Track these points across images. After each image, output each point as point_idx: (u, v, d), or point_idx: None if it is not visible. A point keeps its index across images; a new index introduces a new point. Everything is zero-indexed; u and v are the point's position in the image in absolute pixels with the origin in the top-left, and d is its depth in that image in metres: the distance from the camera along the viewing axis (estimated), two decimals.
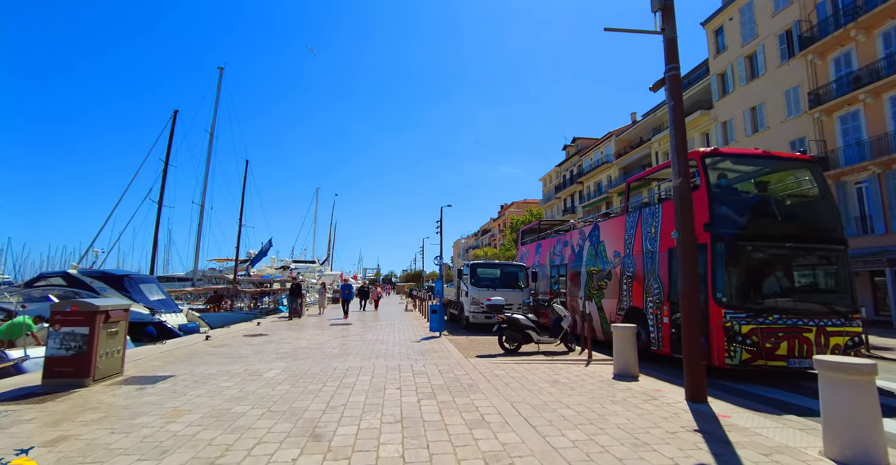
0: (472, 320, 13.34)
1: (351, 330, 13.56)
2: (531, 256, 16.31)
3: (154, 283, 19.21)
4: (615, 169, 42.15)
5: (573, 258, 12.70)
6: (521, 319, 8.92)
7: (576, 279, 12.29)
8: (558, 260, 13.67)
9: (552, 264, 14.15)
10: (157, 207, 28.13)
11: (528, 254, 16.69)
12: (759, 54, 25.83)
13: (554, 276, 13.93)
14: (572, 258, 12.76)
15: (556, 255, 13.93)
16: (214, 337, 12.07)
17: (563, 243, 13.64)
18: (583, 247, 12.20)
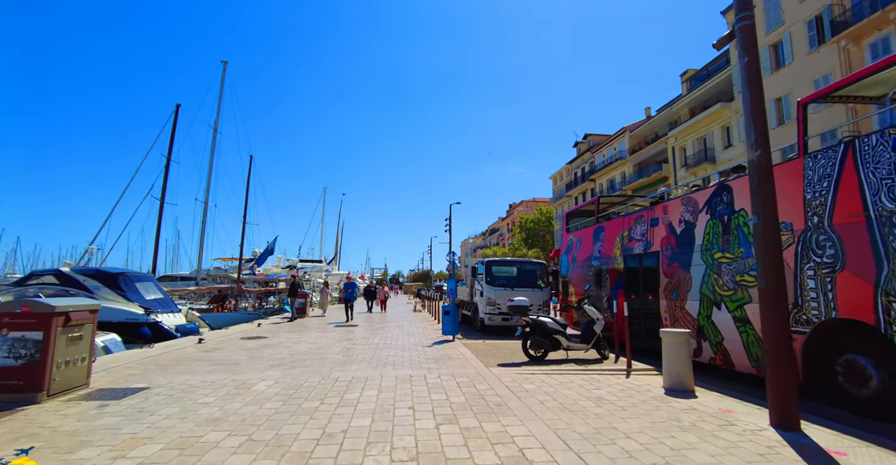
0: (488, 322, 12.30)
1: (356, 333, 12.57)
2: (585, 245, 12.12)
3: (152, 281, 18.36)
4: (629, 165, 40.88)
5: (672, 243, 8.63)
6: (548, 322, 7.86)
7: (676, 276, 8.41)
8: (639, 247, 9.52)
9: (626, 253, 9.99)
10: (160, 205, 27.34)
11: (580, 243, 12.46)
12: (786, 42, 24.53)
13: (631, 269, 9.81)
14: (669, 244, 8.70)
15: (634, 240, 9.75)
16: (209, 340, 11.13)
17: (647, 222, 9.42)
18: (693, 224, 8.16)
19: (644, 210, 9.92)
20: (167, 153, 27.06)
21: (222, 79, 32.24)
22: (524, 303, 8.06)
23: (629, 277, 9.93)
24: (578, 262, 12.36)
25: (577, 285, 12.30)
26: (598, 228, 11.61)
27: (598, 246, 11.37)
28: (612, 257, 10.68)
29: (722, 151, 29.64)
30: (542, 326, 7.82)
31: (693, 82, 35.61)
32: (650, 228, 9.44)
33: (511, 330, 13.01)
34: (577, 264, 12.47)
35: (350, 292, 17.43)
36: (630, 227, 10.13)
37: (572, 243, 12.98)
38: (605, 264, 10.95)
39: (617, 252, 10.47)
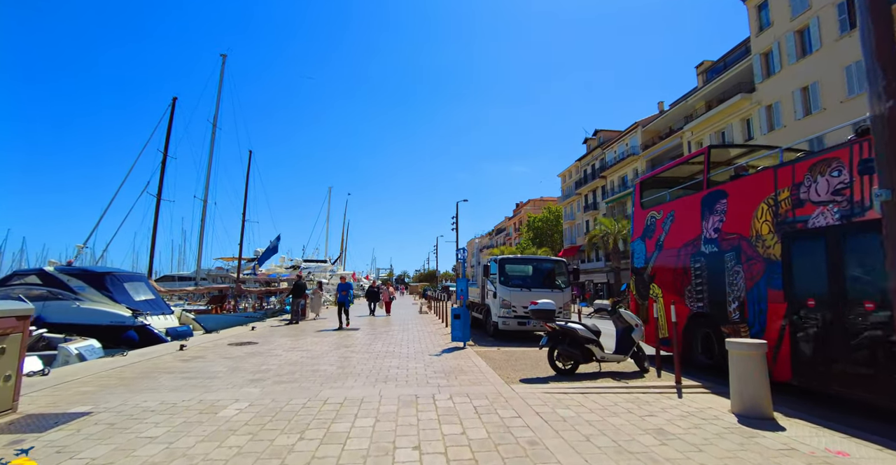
0: (502, 326, 11.07)
1: (356, 339, 11.43)
2: (684, 222, 8.20)
3: (143, 281, 17.34)
4: (642, 161, 39.51)
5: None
6: (578, 329, 6.66)
7: None
8: (827, 215, 5.65)
9: (789, 227, 6.11)
10: (156, 202, 26.42)
11: (671, 221, 8.63)
12: (813, 27, 23.13)
13: (805, 253, 5.92)
14: None
15: (814, 203, 5.82)
16: (193, 346, 10.04)
17: (847, 168, 5.42)
18: None
19: (838, 148, 5.65)
20: (164, 148, 26.18)
21: (221, 72, 31.24)
22: (550, 306, 6.86)
23: (798, 267, 5.96)
24: (670, 249, 8.54)
25: (666, 283, 8.57)
26: (715, 193, 7.44)
27: (716, 221, 7.34)
28: (751, 236, 6.70)
29: None
30: (572, 334, 6.63)
31: (709, 74, 34.22)
32: (857, 177, 5.24)
33: (528, 336, 11.81)
34: (666, 252, 8.66)
35: (344, 294, 14.85)
36: (797, 183, 6.03)
37: (654, 222, 9.16)
38: (732, 248, 7.02)
39: (764, 228, 6.48)
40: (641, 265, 9.46)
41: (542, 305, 6.85)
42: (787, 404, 5.17)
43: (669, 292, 8.46)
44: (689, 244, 8.00)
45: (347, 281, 16.22)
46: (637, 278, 9.55)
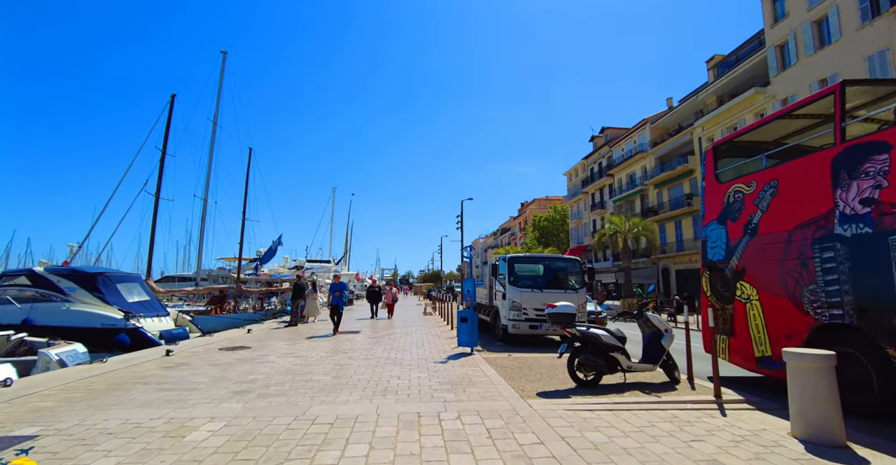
0: (512, 330, 10.30)
1: (355, 343, 10.73)
2: (794, 196, 6.05)
3: (137, 282, 16.73)
4: (651, 159, 38.65)
5: None
6: (602, 335, 5.92)
7: None
8: None
9: None
10: (154, 200, 25.88)
11: (771, 195, 6.38)
12: (832, 17, 22.24)
13: None
14: None
15: None
16: (181, 351, 9.38)
17: None
18: None
19: None
20: (162, 146, 25.62)
21: (222, 70, 30.71)
22: (569, 309, 6.10)
23: None
24: (771, 233, 6.30)
25: (766, 281, 6.30)
26: (862, 148, 5.22)
27: (865, 188, 5.11)
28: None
29: None
30: (595, 340, 5.88)
31: (720, 69, 33.37)
32: None
33: (540, 340, 11.08)
34: (764, 239, 6.43)
35: (338, 296, 13.26)
36: None
37: (740, 198, 6.93)
38: None
39: None
40: (721, 257, 7.17)
41: (561, 308, 6.11)
42: (851, 425, 4.41)
43: (773, 294, 6.15)
44: (810, 225, 5.71)
45: (342, 281, 14.31)
46: (713, 274, 7.32)
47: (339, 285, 13.74)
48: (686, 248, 33.70)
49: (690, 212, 33.49)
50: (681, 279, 35.23)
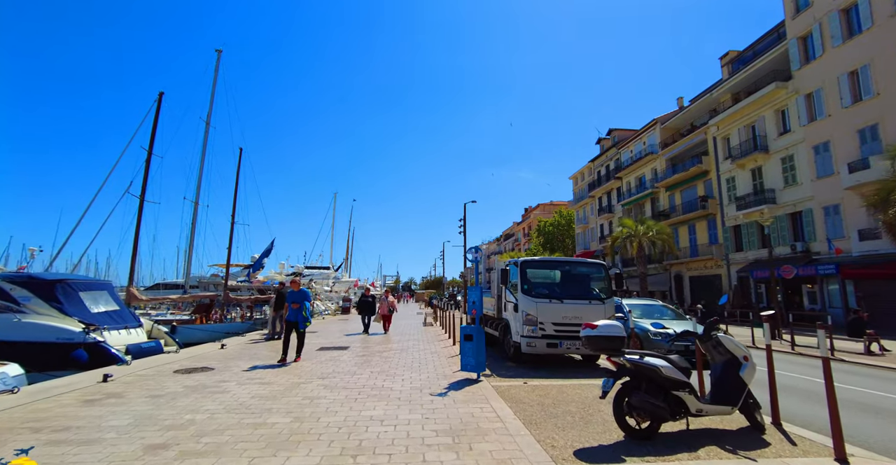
0: (527, 348, 8.51)
1: (340, 363, 9.07)
2: None
3: (106, 290, 15.09)
4: (661, 160, 37.02)
5: None
6: (662, 366, 4.24)
7: None
8: None
9: None
10: (139, 203, 24.38)
11: None
12: (862, 5, 20.70)
13: None
14: None
15: None
16: (124, 375, 7.75)
17: None
18: None
19: None
20: (149, 146, 24.18)
21: (216, 69, 29.40)
22: (616, 331, 4.42)
23: None
24: None
25: None
26: None
27: None
28: None
29: (777, 138, 25.74)
30: (653, 374, 4.22)
31: (735, 65, 31.81)
32: None
33: (559, 359, 9.37)
34: None
35: (295, 309, 9.39)
36: None
37: None
38: None
39: None
40: None
41: (605, 329, 4.43)
42: None
43: None
44: None
45: (302, 288, 9.77)
46: None
47: (298, 295, 9.47)
48: (701, 253, 31.97)
49: (705, 215, 31.81)
50: (695, 287, 33.47)
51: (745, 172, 28.12)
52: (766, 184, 26.54)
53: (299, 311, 9.41)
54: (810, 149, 23.34)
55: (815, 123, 23.11)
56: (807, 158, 23.58)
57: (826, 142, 22.46)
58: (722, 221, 30.19)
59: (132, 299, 23.24)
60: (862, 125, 20.62)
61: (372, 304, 16.13)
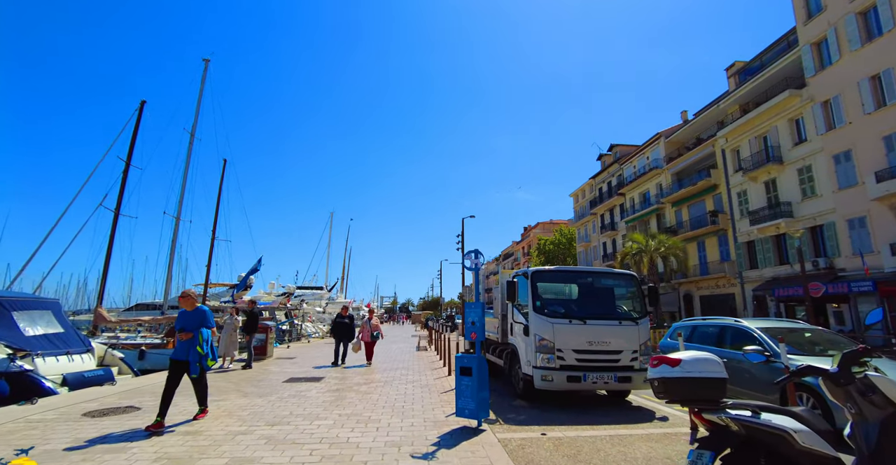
0: (542, 383, 6.63)
1: (305, 400, 7.19)
2: None
3: (50, 310, 13.15)
4: (666, 175, 35.64)
5: None
6: (796, 431, 2.47)
7: None
8: None
9: None
10: (113, 217, 22.69)
11: None
12: (882, 6, 19.61)
13: None
14: None
15: None
16: (6, 421, 5.85)
17: None
18: None
19: None
20: (126, 157, 22.63)
21: (203, 78, 28.20)
22: (712, 370, 2.65)
23: None
24: None
25: None
26: None
27: None
28: None
29: (792, 149, 24.35)
30: (781, 443, 2.43)
31: (742, 76, 30.76)
32: None
33: (582, 396, 7.49)
34: None
35: (184, 342, 5.81)
36: None
37: None
38: None
39: None
40: None
41: (694, 366, 2.63)
42: None
43: None
44: None
45: (199, 306, 6.06)
46: None
47: (190, 318, 5.88)
48: (712, 271, 30.23)
49: (715, 231, 30.21)
50: (706, 307, 31.57)
51: (758, 184, 26.64)
52: (781, 197, 25.02)
53: (191, 345, 5.70)
54: (830, 158, 21.91)
55: (835, 131, 21.75)
56: (826, 169, 22.12)
57: (848, 150, 21.05)
58: (734, 237, 28.56)
59: (100, 319, 21.24)
60: (888, 131, 19.23)
61: (349, 326, 12.74)
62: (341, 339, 12.47)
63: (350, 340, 12.49)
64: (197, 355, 5.67)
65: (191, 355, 5.67)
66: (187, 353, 5.70)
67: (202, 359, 5.72)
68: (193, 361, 5.67)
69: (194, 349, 5.67)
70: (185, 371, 5.74)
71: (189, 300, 6.03)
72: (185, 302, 6.04)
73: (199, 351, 5.66)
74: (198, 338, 5.69)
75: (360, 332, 12.69)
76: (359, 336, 12.57)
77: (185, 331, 5.75)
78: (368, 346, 12.46)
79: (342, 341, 12.45)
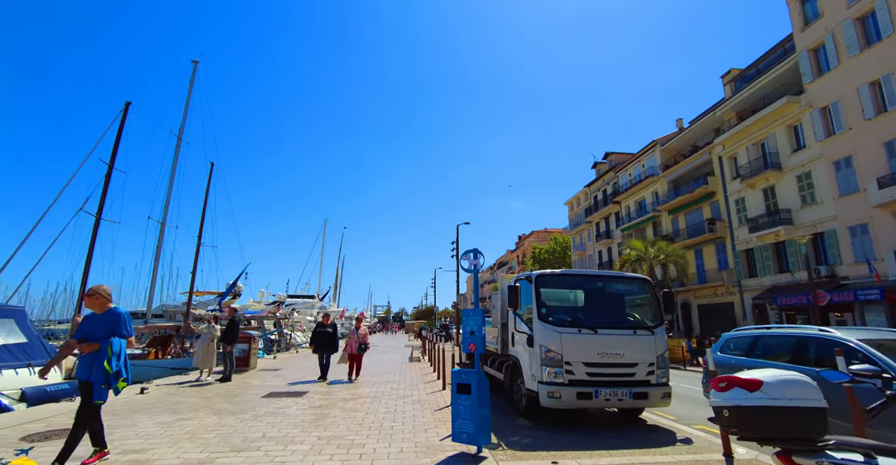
0: (548, 401, 5.85)
1: (283, 419, 6.41)
2: None
3: (12, 318, 12.24)
4: (662, 183, 35.28)
5: None
6: None
7: None
8: None
9: None
10: (94, 222, 21.74)
11: None
12: (881, 10, 19.42)
13: None
14: None
15: None
16: None
17: None
18: None
19: None
20: (110, 159, 21.78)
21: (191, 80, 27.58)
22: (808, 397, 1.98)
23: None
24: None
25: None
26: None
27: None
28: None
29: (790, 155, 24.02)
30: None
31: (738, 84, 30.61)
32: None
33: (593, 415, 6.74)
34: None
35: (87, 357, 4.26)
36: None
37: None
38: None
39: None
40: None
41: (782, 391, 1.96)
42: None
43: None
44: None
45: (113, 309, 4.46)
46: None
47: (104, 321, 4.38)
48: (710, 280, 29.72)
49: (713, 239, 29.77)
50: (703, 316, 31.04)
51: (757, 191, 26.27)
52: (780, 204, 24.63)
53: (96, 360, 4.16)
54: (830, 165, 21.57)
55: (834, 138, 21.44)
56: (826, 175, 21.77)
57: (848, 157, 20.71)
58: (732, 245, 28.10)
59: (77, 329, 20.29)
60: (889, 137, 18.91)
61: (332, 337, 11.22)
62: (324, 351, 10.99)
63: (334, 351, 11.16)
64: (102, 375, 4.04)
65: (93, 375, 4.09)
66: (90, 371, 4.15)
67: (111, 380, 4.10)
68: (97, 382, 4.05)
69: (99, 366, 4.05)
70: (86, 394, 4.16)
71: (99, 301, 4.39)
72: (93, 302, 4.42)
73: (107, 368, 4.06)
74: (106, 351, 4.11)
75: (346, 343, 11.30)
76: (344, 349, 11.23)
77: (87, 341, 4.21)
78: (355, 359, 10.99)
79: (325, 353, 10.99)
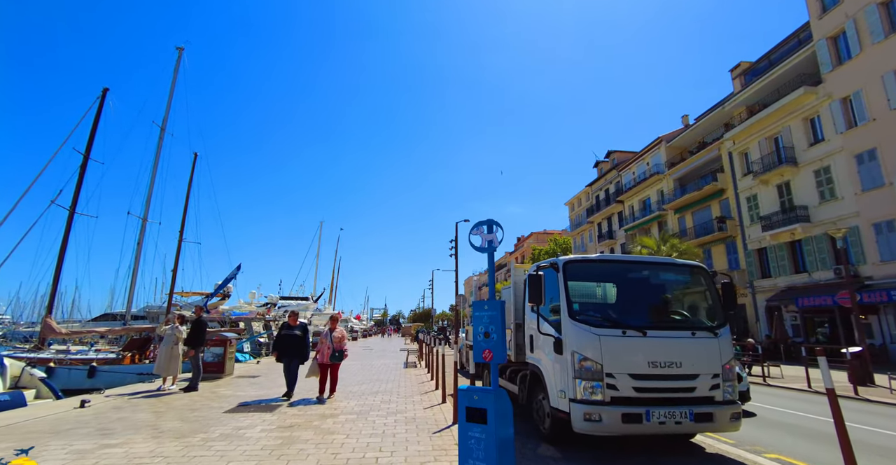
0: (584, 425, 4.39)
1: (242, 442, 5.05)
2: None
3: None
4: (668, 181, 34.07)
5: None
6: None
7: None
8: None
9: None
10: (68, 216, 20.27)
11: None
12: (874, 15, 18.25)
13: None
14: None
15: None
16: None
17: None
18: None
19: None
20: (85, 149, 20.36)
21: (176, 68, 26.05)
22: None
23: None
24: None
25: None
26: None
27: None
28: None
29: (807, 149, 22.80)
30: None
31: (748, 77, 29.46)
32: None
33: (631, 440, 5.35)
34: None
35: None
36: None
37: None
38: None
39: None
40: None
41: None
42: None
43: None
44: None
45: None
46: None
47: None
48: None
49: (723, 238, 28.54)
50: None
51: (770, 188, 25.03)
52: (795, 200, 23.39)
53: None
54: (851, 158, 20.34)
55: (856, 129, 20.23)
56: (847, 169, 20.54)
57: (872, 149, 19.49)
58: (744, 244, 26.86)
59: (48, 331, 18.76)
60: None
61: (300, 341, 8.53)
62: (291, 359, 8.35)
63: (303, 361, 8.56)
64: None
65: None
66: None
67: None
68: None
69: None
70: None
71: None
72: None
73: None
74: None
75: (317, 350, 8.45)
76: (314, 357, 8.48)
77: None
78: (328, 371, 8.35)
79: (290, 361, 8.35)
